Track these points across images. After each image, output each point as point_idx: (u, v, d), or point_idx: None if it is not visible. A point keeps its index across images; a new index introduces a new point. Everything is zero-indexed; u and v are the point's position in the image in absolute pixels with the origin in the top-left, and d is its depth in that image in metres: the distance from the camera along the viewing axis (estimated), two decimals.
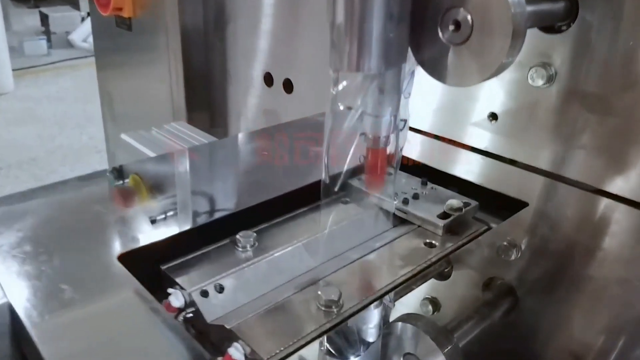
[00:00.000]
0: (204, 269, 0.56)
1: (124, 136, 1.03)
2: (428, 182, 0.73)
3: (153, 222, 0.62)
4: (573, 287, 0.56)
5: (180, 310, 0.53)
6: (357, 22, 0.48)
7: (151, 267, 0.56)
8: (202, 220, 0.64)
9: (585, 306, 0.54)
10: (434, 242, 0.64)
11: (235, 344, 0.47)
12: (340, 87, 0.53)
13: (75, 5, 6.38)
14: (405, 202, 0.68)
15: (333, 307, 0.51)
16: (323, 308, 0.51)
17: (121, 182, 0.75)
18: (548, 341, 0.50)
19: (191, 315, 0.52)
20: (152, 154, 0.96)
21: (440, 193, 0.71)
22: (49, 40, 5.95)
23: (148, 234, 0.60)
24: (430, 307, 0.55)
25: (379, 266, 0.61)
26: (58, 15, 6.10)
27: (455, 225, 0.66)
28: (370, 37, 0.48)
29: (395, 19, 0.49)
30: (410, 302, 0.58)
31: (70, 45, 5.93)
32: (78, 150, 3.51)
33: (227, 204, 0.70)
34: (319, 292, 0.52)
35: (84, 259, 0.55)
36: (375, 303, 0.54)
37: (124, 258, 0.54)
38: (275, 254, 0.59)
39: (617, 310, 0.53)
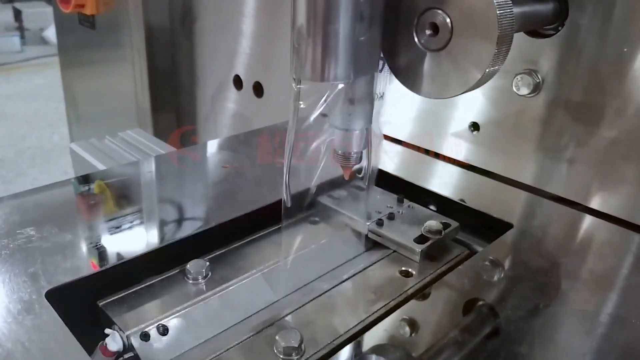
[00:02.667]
0: (148, 306, 0.49)
1: (73, 146, 0.95)
2: (404, 200, 0.67)
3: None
4: (560, 311, 0.51)
5: (119, 354, 0.46)
6: (321, 23, 0.42)
7: (88, 303, 0.49)
8: (151, 245, 0.57)
9: (574, 331, 0.49)
10: (410, 270, 0.58)
11: None
12: (303, 98, 0.47)
13: (50, 1, 6.25)
14: (380, 223, 0.62)
15: (293, 354, 0.45)
16: (282, 356, 0.45)
17: (87, 187, 0.70)
18: None
19: None
20: (102, 167, 0.89)
21: (418, 212, 0.65)
22: (22, 36, 5.85)
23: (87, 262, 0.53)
24: (407, 329, 0.51)
25: (348, 301, 0.55)
26: (32, 11, 5.99)
27: (433, 250, 0.60)
28: (337, 41, 0.42)
29: (366, 20, 0.43)
30: (386, 322, 0.52)
31: (44, 42, 5.81)
32: (48, 152, 3.41)
33: (182, 225, 0.63)
34: (277, 337, 0.45)
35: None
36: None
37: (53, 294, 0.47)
38: (230, 287, 0.53)
39: (608, 336, 0.49)
